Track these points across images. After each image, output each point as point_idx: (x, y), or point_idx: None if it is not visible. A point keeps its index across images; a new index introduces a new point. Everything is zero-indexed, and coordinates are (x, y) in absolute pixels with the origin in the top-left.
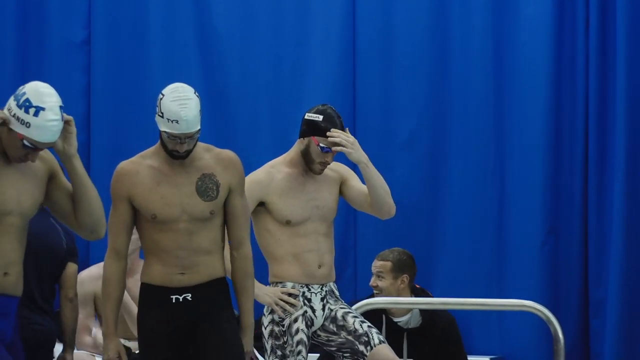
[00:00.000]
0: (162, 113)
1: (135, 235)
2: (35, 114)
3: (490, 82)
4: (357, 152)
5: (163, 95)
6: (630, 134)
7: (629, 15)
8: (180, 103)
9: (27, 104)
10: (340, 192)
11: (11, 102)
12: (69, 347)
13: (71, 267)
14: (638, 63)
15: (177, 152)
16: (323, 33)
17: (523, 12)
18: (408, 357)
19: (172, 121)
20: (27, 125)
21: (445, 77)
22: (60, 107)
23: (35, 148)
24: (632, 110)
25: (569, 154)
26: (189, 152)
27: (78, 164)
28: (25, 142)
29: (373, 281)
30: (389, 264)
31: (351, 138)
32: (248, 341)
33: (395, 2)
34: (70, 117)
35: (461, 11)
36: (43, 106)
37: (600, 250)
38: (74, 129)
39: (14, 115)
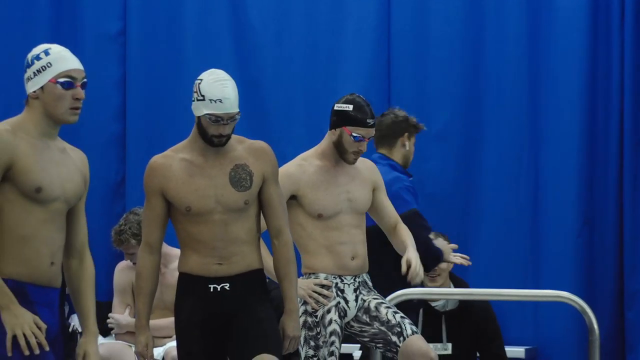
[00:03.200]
0: (202, 96)
1: None
2: (46, 53)
3: (524, 73)
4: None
5: (201, 79)
6: None
7: None
8: (221, 83)
9: (34, 58)
10: None
11: (26, 74)
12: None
13: None
14: None
15: (220, 135)
16: (358, 23)
17: (558, 3)
18: (447, 341)
19: (214, 101)
20: (48, 65)
21: (479, 68)
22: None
23: (72, 83)
24: None
25: (604, 145)
26: (228, 138)
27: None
28: (60, 80)
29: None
30: None
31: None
32: (294, 325)
33: (435, 17)
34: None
35: (496, 2)
36: (47, 48)
37: (635, 242)
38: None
39: (32, 78)
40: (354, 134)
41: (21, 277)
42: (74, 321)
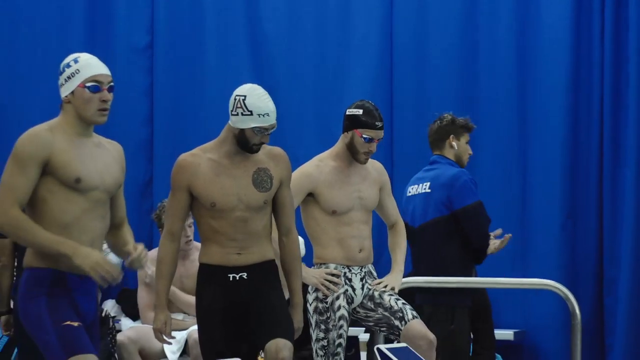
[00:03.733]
0: (250, 111)
1: None
2: (75, 61)
3: (514, 81)
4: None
5: (244, 96)
6: None
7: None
8: (266, 98)
9: (65, 66)
10: None
11: (60, 81)
12: None
13: None
14: None
15: (262, 143)
16: (363, 36)
17: (544, 20)
18: None
19: (262, 115)
20: (77, 72)
21: (473, 77)
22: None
23: (99, 87)
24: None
25: (586, 147)
26: (260, 145)
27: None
28: (87, 85)
29: None
30: None
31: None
32: (298, 318)
33: (429, 10)
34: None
35: (488, 18)
36: (76, 57)
37: (613, 235)
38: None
39: (64, 84)
40: (364, 136)
41: (61, 266)
42: (107, 306)
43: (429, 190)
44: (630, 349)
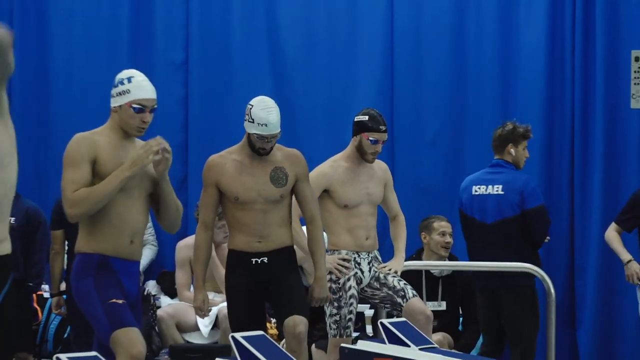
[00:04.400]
0: (252, 119)
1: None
2: (129, 80)
3: (498, 95)
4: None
5: (252, 105)
6: (606, 134)
7: (605, 44)
8: (267, 111)
9: (119, 82)
10: None
11: (112, 92)
12: None
13: None
14: (612, 81)
15: (264, 149)
16: (368, 55)
17: (522, 41)
18: (442, 299)
19: (261, 125)
20: (128, 91)
21: (462, 91)
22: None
23: (143, 109)
24: (608, 116)
25: (559, 149)
26: (271, 149)
27: (166, 182)
28: (133, 105)
29: (448, 239)
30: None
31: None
32: (321, 289)
33: (425, 34)
34: (169, 149)
35: (476, 39)
36: (131, 76)
37: (583, 228)
38: (169, 156)
39: (115, 97)
40: (371, 138)
41: (106, 252)
42: (148, 286)
43: (502, 193)
44: (596, 324)
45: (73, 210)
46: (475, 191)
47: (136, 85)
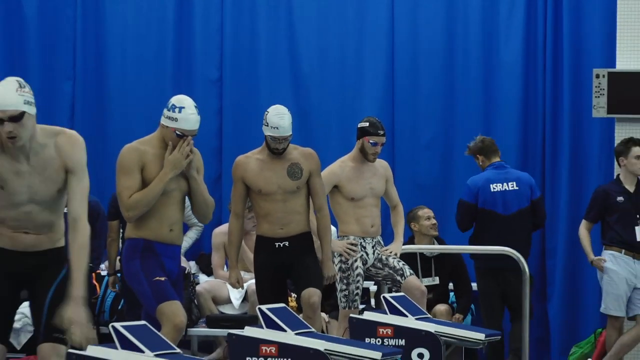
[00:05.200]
0: (267, 123)
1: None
2: (179, 110)
3: (481, 106)
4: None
5: (268, 112)
6: (572, 139)
7: (571, 63)
8: (279, 116)
9: (172, 107)
10: None
11: (164, 111)
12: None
13: None
14: (576, 95)
15: (277, 149)
16: (373, 73)
17: (502, 61)
18: (435, 275)
19: (274, 128)
20: (176, 120)
21: (452, 102)
22: (195, 106)
23: (183, 135)
24: (573, 123)
25: (533, 152)
26: (284, 149)
27: (194, 181)
28: (177, 132)
29: (433, 221)
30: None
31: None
32: (329, 267)
33: (421, 55)
34: (196, 149)
35: (463, 60)
36: (182, 106)
37: (553, 216)
38: (192, 156)
39: (164, 117)
40: (371, 141)
41: (150, 237)
42: (189, 266)
43: (517, 188)
44: (564, 297)
45: (130, 213)
46: (494, 188)
47: (184, 118)
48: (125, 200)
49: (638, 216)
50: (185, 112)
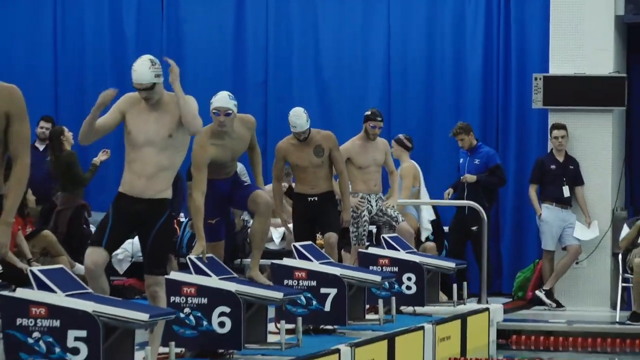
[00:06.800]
0: (289, 122)
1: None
2: (215, 96)
3: (453, 101)
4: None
5: (289, 114)
6: (518, 123)
7: (518, 69)
8: (296, 117)
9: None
10: None
11: None
12: None
13: None
14: (522, 92)
15: (299, 139)
16: (374, 79)
17: (469, 70)
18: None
19: (293, 126)
20: (211, 103)
21: (433, 97)
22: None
23: (218, 113)
24: (519, 113)
25: (490, 134)
26: (305, 138)
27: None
28: (213, 111)
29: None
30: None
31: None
32: (348, 213)
33: (410, 67)
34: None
35: (440, 65)
36: (217, 93)
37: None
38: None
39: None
40: (371, 125)
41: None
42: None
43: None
44: (512, 239)
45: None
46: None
47: (216, 99)
48: (197, 194)
49: (564, 179)
50: (216, 95)
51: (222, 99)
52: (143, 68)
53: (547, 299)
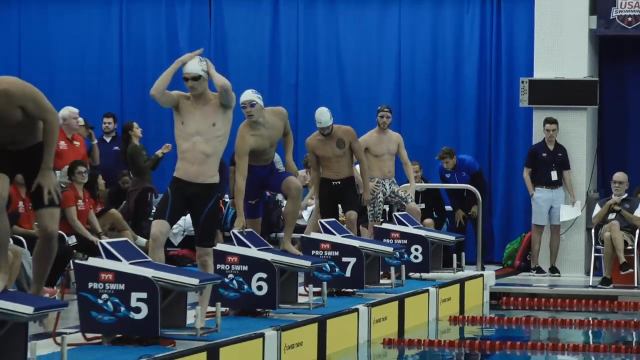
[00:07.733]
0: (315, 119)
1: None
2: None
3: (452, 101)
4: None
5: (316, 112)
6: (508, 121)
7: (507, 73)
8: (320, 114)
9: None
10: None
11: None
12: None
13: None
14: (511, 93)
15: (323, 134)
16: (387, 79)
17: (465, 75)
18: (422, 202)
19: (318, 122)
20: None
21: (436, 97)
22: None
23: (245, 106)
24: (509, 111)
25: (485, 131)
26: (329, 133)
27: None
28: (241, 105)
29: (418, 173)
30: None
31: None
32: (368, 194)
33: (416, 70)
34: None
35: (443, 70)
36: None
37: (497, 167)
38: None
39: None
40: (380, 115)
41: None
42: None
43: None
44: (503, 214)
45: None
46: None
47: (241, 95)
48: (239, 178)
49: (554, 165)
50: (244, 93)
51: (245, 94)
52: (193, 61)
53: (551, 273)
